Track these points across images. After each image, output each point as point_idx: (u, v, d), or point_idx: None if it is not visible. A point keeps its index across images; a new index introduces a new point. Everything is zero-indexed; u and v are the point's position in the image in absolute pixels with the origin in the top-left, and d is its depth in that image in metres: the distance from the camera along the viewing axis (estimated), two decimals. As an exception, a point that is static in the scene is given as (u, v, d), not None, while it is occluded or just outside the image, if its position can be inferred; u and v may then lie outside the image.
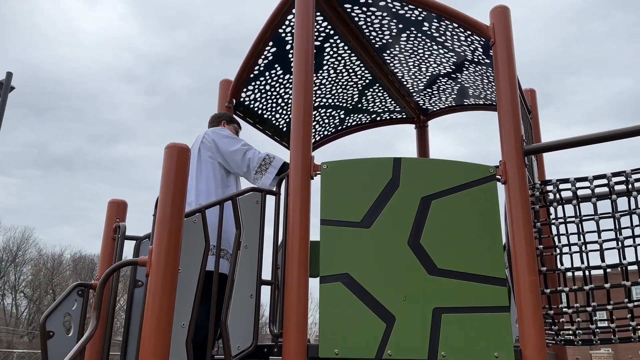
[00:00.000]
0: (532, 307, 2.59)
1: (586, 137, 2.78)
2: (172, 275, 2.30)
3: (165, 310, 2.27)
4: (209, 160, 3.35)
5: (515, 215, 2.76)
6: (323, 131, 5.02)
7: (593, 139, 2.76)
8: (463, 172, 2.87)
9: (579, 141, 2.79)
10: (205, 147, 3.37)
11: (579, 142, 2.80)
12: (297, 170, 2.80)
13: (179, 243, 2.35)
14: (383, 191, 2.81)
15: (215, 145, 3.36)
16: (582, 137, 2.79)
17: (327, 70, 4.25)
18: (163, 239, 2.32)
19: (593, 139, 2.76)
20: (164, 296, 2.26)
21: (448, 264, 2.70)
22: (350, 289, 2.63)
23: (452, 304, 2.63)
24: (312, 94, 2.97)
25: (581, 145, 2.82)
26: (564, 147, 2.87)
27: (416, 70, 4.30)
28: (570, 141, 2.83)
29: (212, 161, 3.35)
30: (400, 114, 5.08)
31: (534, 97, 4.11)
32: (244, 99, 4.13)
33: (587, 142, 2.78)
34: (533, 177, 3.53)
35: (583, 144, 2.79)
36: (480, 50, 3.48)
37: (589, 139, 2.76)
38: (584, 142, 2.79)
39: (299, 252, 2.65)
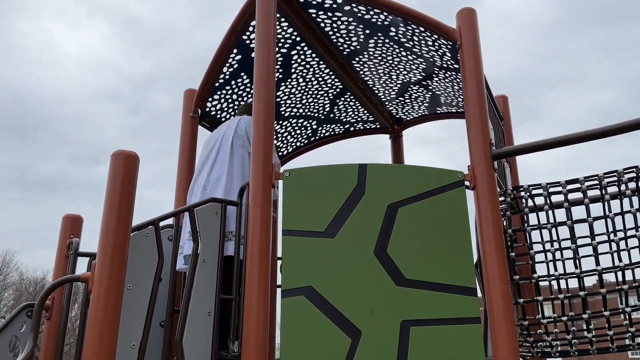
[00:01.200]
0: (505, 318, 2.46)
1: (554, 140, 2.69)
2: (116, 293, 2.13)
3: (108, 330, 2.10)
4: (239, 149, 3.22)
5: (485, 222, 2.65)
6: (295, 142, 4.90)
7: (561, 142, 2.67)
8: (431, 178, 2.75)
9: (547, 144, 2.71)
10: (237, 136, 3.24)
11: (547, 145, 2.71)
12: (258, 178, 2.67)
13: (124, 258, 2.19)
14: (348, 199, 2.69)
15: (247, 134, 3.23)
16: (550, 139, 2.71)
17: (296, 78, 4.15)
18: (107, 253, 2.16)
19: (561, 142, 2.67)
20: (108, 315, 2.10)
21: (416, 274, 2.57)
22: (313, 303, 2.48)
23: (420, 316, 2.50)
24: (273, 98, 2.85)
25: (549, 148, 2.73)
26: (532, 150, 2.79)
27: (387, 78, 4.22)
28: (539, 144, 2.74)
29: (243, 150, 3.22)
30: (374, 124, 4.99)
31: (506, 103, 4.04)
32: (210, 109, 4.00)
33: (556, 145, 2.69)
34: (505, 183, 3.43)
35: (551, 147, 2.71)
36: (449, 55, 3.41)
37: (557, 141, 2.67)
38: (552, 144, 2.70)
39: (259, 266, 2.50)
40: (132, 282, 2.42)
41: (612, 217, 2.68)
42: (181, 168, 3.71)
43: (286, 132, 4.71)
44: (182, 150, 3.76)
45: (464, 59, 2.93)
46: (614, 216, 2.68)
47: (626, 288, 2.61)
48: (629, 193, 2.69)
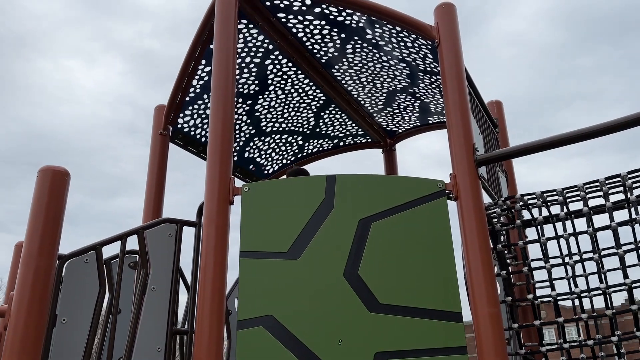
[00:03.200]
0: (494, 346, 2.13)
1: (542, 142, 2.38)
2: (36, 328, 1.86)
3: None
4: None
5: (469, 236, 2.34)
6: (281, 159, 4.64)
7: (549, 144, 2.37)
8: (407, 188, 2.45)
9: (536, 147, 2.40)
10: None
11: (536, 147, 2.41)
12: (213, 194, 2.40)
13: (48, 285, 1.92)
14: (314, 215, 2.39)
15: None
16: (539, 141, 2.40)
17: (275, 90, 3.90)
18: (27, 282, 1.89)
19: (549, 144, 2.37)
20: (24, 355, 1.81)
21: (392, 298, 2.25)
22: (273, 335, 2.17)
23: (398, 347, 2.17)
24: (232, 107, 2.61)
25: (539, 151, 2.43)
26: (520, 154, 2.48)
27: (371, 87, 3.96)
28: (527, 147, 2.44)
29: None
30: (364, 138, 4.71)
31: (500, 109, 3.74)
32: (182, 126, 3.76)
33: (545, 148, 2.38)
34: (500, 194, 3.11)
35: (541, 150, 2.40)
36: (430, 56, 3.14)
37: (545, 143, 2.37)
38: (541, 147, 2.39)
39: (212, 293, 2.21)
40: (67, 316, 2.14)
41: (614, 227, 2.34)
42: (149, 189, 3.46)
43: (269, 148, 4.45)
44: (151, 169, 3.52)
45: (442, 57, 2.66)
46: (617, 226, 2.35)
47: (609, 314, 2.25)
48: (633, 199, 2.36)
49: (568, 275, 2.47)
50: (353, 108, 4.21)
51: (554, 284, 2.47)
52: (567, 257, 2.50)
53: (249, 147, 4.30)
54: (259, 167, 4.56)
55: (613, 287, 2.31)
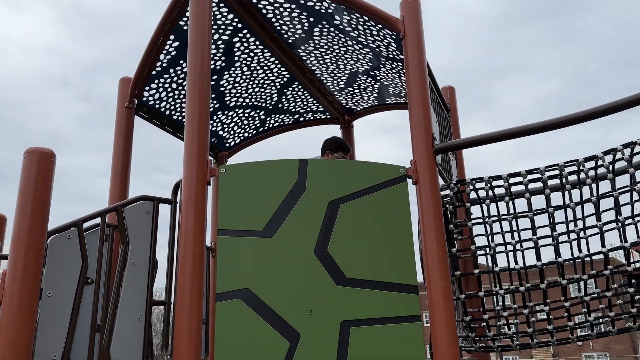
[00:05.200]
0: (445, 315, 2.43)
1: (495, 134, 2.66)
2: (30, 301, 1.96)
3: (22, 345, 1.93)
4: None
5: (426, 217, 2.60)
6: (243, 133, 4.75)
7: (501, 136, 2.65)
8: (373, 173, 2.68)
9: (488, 138, 2.68)
10: None
11: (488, 139, 2.68)
12: (191, 175, 2.52)
13: (39, 264, 2.01)
14: (287, 196, 2.58)
15: None
16: (491, 134, 2.68)
17: (241, 67, 3.98)
18: (19, 259, 1.98)
19: (501, 136, 2.65)
20: (20, 325, 1.93)
21: (357, 273, 2.50)
22: (250, 306, 2.38)
23: (361, 316, 2.43)
24: (208, 90, 2.70)
25: (490, 142, 2.71)
26: (473, 144, 2.75)
27: (334, 68, 4.11)
28: (480, 138, 2.71)
29: None
30: (324, 114, 4.88)
31: (453, 95, 4.01)
32: (147, 99, 3.79)
33: (496, 139, 2.67)
34: (451, 176, 3.41)
35: (492, 141, 2.68)
36: (394, 45, 3.33)
37: (497, 135, 2.65)
38: (493, 139, 2.67)
39: (192, 268, 2.37)
40: (52, 289, 2.25)
41: (551, 212, 2.68)
42: (116, 161, 3.50)
43: (232, 122, 4.55)
44: (117, 142, 3.55)
45: (407, 51, 2.85)
46: (554, 210, 2.69)
47: (544, 287, 2.63)
48: (569, 187, 2.69)
49: (507, 250, 2.80)
50: (315, 86, 4.36)
51: (496, 259, 2.80)
52: (507, 233, 2.83)
53: (212, 120, 4.38)
54: (221, 140, 4.66)
55: (547, 264, 2.66)
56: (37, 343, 2.10)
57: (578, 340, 2.84)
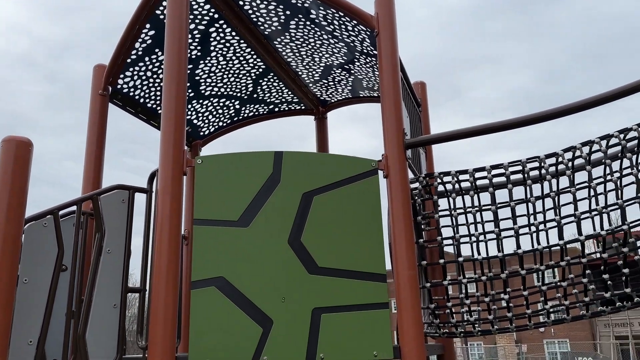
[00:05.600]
0: (411, 302, 2.56)
1: (463, 131, 2.79)
2: (8, 289, 1.99)
3: (0, 327, 1.96)
4: None
5: (396, 209, 2.72)
6: (217, 122, 4.77)
7: (470, 132, 2.78)
8: (346, 166, 2.77)
9: (456, 135, 2.80)
10: None
11: (456, 135, 2.80)
12: (167, 165, 2.56)
13: (16, 251, 2.04)
14: (263, 187, 2.65)
15: None
16: (460, 130, 2.80)
17: (216, 57, 4.01)
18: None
19: (470, 132, 2.78)
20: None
21: (329, 262, 2.60)
22: (224, 294, 2.45)
23: (332, 303, 2.54)
24: (185, 81, 2.73)
25: (460, 139, 2.83)
26: (442, 140, 2.87)
27: (310, 61, 4.17)
28: (448, 135, 2.83)
29: None
30: (298, 105, 4.94)
31: (424, 90, 4.12)
32: (122, 86, 3.78)
33: (464, 136, 2.79)
34: (420, 169, 3.53)
35: (460, 138, 2.80)
36: (368, 41, 3.41)
37: (465, 132, 2.77)
38: (461, 135, 2.79)
39: (168, 255, 2.43)
40: (28, 276, 2.27)
41: (513, 206, 2.82)
42: (90, 148, 3.50)
43: (207, 111, 4.57)
44: (91, 129, 3.54)
45: (380, 48, 2.94)
46: (515, 205, 2.83)
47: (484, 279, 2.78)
48: (529, 183, 2.84)
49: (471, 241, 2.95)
50: (290, 78, 4.41)
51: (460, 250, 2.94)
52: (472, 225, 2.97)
53: (187, 109, 4.39)
54: (196, 129, 4.68)
55: (507, 255, 2.81)
56: (13, 329, 2.13)
57: (535, 327, 3.01)
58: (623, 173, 2.73)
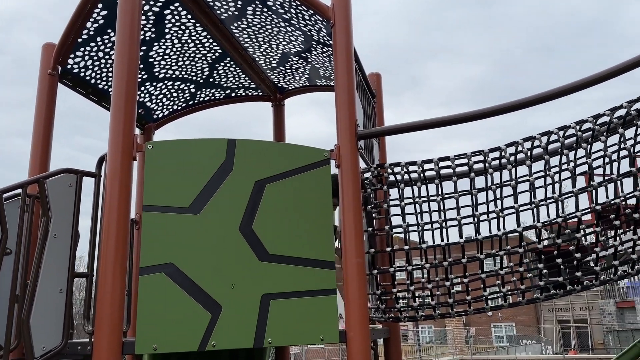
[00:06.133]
0: (358, 289, 2.65)
1: (414, 124, 2.88)
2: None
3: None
4: None
5: (346, 199, 2.78)
6: (172, 105, 4.71)
7: (420, 126, 2.87)
8: (298, 155, 2.82)
9: (407, 127, 2.89)
10: None
11: (407, 128, 2.89)
12: (117, 149, 2.54)
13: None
14: (215, 174, 2.66)
15: None
16: (411, 123, 2.89)
17: (171, 39, 3.94)
18: None
19: (420, 126, 2.87)
20: None
21: (279, 249, 2.65)
22: (173, 280, 2.47)
23: (281, 289, 2.59)
24: (137, 62, 2.69)
25: (410, 131, 2.92)
26: (394, 132, 2.96)
27: (267, 47, 4.17)
28: (399, 127, 2.92)
29: None
30: (255, 91, 4.93)
31: (379, 81, 4.20)
32: (72, 66, 3.68)
33: (415, 129, 2.88)
34: (372, 159, 3.62)
35: (411, 130, 2.89)
36: (324, 31, 3.44)
37: (416, 125, 2.86)
38: (412, 128, 2.88)
39: (116, 240, 2.41)
40: (-33, 261, 2.22)
41: (456, 197, 2.95)
42: (37, 129, 3.40)
43: (161, 94, 4.50)
44: (39, 110, 3.44)
45: (336, 39, 2.98)
46: (459, 196, 2.96)
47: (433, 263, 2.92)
48: (472, 175, 2.97)
49: (419, 230, 3.06)
50: (247, 63, 4.39)
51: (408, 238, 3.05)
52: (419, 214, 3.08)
53: (140, 91, 4.31)
54: (149, 112, 4.60)
55: (451, 244, 2.94)
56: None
57: (476, 312, 3.17)
58: (577, 162, 2.86)
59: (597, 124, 2.80)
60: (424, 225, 2.94)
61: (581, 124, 2.81)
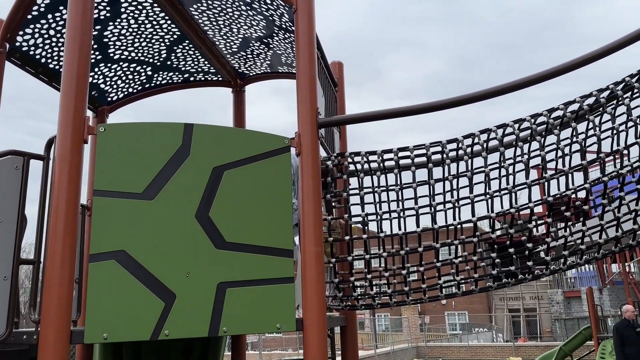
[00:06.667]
0: (316, 277, 2.64)
1: (374, 113, 2.88)
2: None
3: None
4: None
5: (306, 187, 2.76)
6: (127, 88, 4.55)
7: (380, 115, 2.88)
8: (258, 142, 2.77)
9: (368, 117, 2.89)
10: None
11: (368, 117, 2.89)
12: (67, 132, 2.43)
13: None
14: (171, 160, 2.59)
15: None
16: (372, 112, 2.89)
17: (127, 19, 3.80)
18: None
19: (380, 115, 2.88)
20: None
21: (237, 237, 2.61)
22: (125, 268, 2.39)
23: (238, 278, 2.56)
24: (89, 42, 2.58)
25: (371, 121, 2.93)
26: (355, 121, 2.96)
27: (227, 31, 4.08)
28: (360, 116, 2.91)
29: None
30: (215, 76, 4.83)
31: (341, 70, 4.18)
32: (21, 44, 3.49)
33: (376, 118, 2.89)
34: (333, 148, 3.61)
35: (372, 120, 2.89)
36: (286, 16, 3.39)
37: (376, 115, 2.87)
38: (372, 117, 2.89)
39: (64, 226, 2.32)
40: None
41: (414, 187, 2.98)
42: (-20, 110, 3.21)
43: (116, 76, 4.34)
44: (-17, 89, 3.25)
45: (297, 24, 2.94)
46: (417, 186, 2.99)
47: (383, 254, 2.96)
48: (430, 166, 3.00)
49: (377, 219, 3.08)
50: (207, 47, 4.29)
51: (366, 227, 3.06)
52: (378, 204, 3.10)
53: (94, 72, 4.15)
54: (103, 94, 4.43)
55: (409, 233, 2.98)
56: None
57: (430, 300, 3.23)
58: (531, 155, 2.93)
59: (551, 118, 2.88)
60: (382, 214, 2.96)
61: (536, 117, 2.89)
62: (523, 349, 24.13)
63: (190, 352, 3.41)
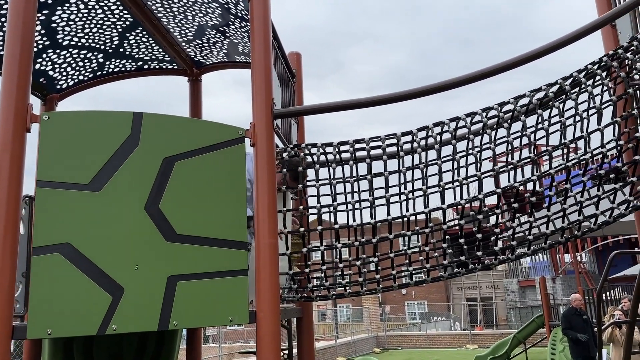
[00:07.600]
0: (270, 270, 2.62)
1: (331, 105, 2.87)
2: None
3: None
4: None
5: (260, 179, 2.73)
6: (77, 75, 4.38)
7: (337, 107, 2.87)
8: (211, 132, 2.71)
9: (325, 108, 2.88)
10: None
11: (324, 108, 2.88)
12: (7, 119, 2.31)
13: None
14: (119, 150, 2.50)
15: None
16: (328, 104, 2.88)
17: (76, 4, 3.65)
18: None
19: (337, 107, 2.87)
20: None
21: (188, 229, 2.55)
22: (70, 261, 2.30)
23: (189, 271, 2.51)
24: (33, 24, 2.45)
25: (327, 112, 2.91)
26: (310, 112, 2.94)
27: (182, 18, 3.98)
28: (317, 107, 2.90)
29: None
30: (170, 65, 4.71)
31: (299, 61, 4.15)
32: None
33: (332, 110, 2.88)
34: (290, 140, 3.59)
35: (328, 111, 2.89)
36: (242, 4, 3.33)
37: (333, 106, 2.86)
38: (329, 109, 2.88)
39: (5, 218, 2.21)
40: None
41: (369, 178, 2.99)
42: None
43: (65, 63, 4.17)
44: None
45: (253, 13, 2.89)
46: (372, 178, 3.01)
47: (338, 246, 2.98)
48: (385, 158, 3.02)
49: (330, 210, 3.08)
50: (161, 34, 4.18)
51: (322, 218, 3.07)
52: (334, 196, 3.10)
53: (41, 59, 3.97)
54: (51, 81, 4.26)
55: (379, 222, 2.99)
56: None
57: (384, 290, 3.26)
58: (483, 147, 2.98)
59: (502, 112, 2.94)
60: (337, 206, 2.96)
61: (487, 111, 2.94)
62: (479, 336, 24.86)
63: (144, 346, 3.33)
